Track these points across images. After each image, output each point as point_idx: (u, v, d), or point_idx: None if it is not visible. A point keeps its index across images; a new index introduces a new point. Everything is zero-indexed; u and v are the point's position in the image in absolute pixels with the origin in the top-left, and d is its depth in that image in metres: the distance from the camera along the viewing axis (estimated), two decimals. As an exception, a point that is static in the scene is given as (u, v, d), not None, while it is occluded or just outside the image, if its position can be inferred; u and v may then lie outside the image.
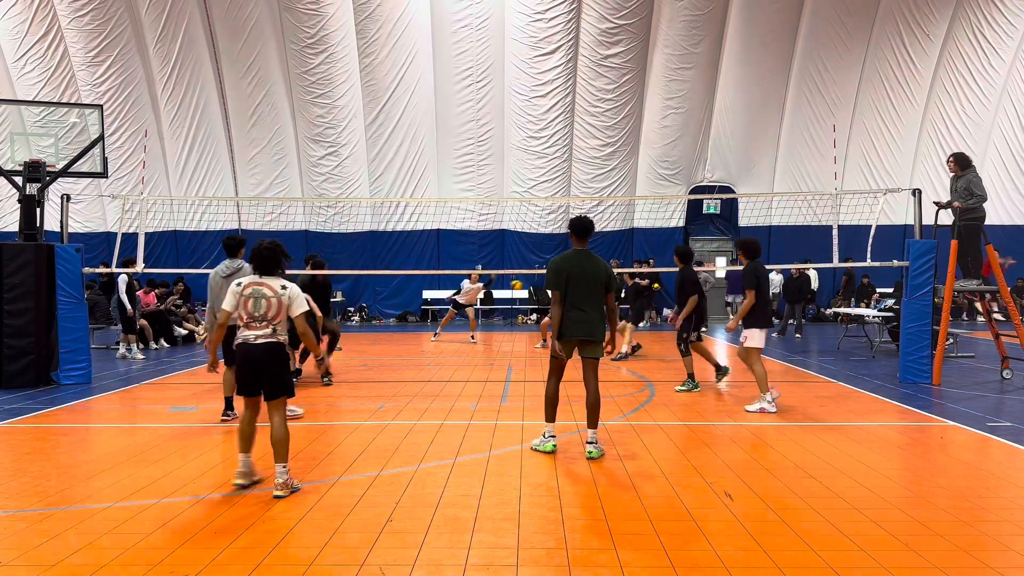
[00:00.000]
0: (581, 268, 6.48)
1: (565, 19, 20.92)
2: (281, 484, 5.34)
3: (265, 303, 5.46)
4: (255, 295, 5.49)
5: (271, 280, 5.56)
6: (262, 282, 5.55)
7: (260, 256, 5.59)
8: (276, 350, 5.47)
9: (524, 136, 22.00)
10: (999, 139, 22.53)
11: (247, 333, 5.47)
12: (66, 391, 10.02)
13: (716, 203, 23.21)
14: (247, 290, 5.51)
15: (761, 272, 8.59)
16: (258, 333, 5.44)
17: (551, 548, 4.35)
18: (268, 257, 5.58)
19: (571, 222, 6.76)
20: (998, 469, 6.08)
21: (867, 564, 4.11)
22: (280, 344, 5.50)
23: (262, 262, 5.59)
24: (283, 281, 5.59)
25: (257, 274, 5.61)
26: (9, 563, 4.17)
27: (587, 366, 6.55)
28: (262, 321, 5.45)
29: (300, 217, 22.81)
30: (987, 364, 12.39)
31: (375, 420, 8.02)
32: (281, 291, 5.51)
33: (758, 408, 8.33)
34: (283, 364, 5.54)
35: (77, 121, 12.28)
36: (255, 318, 5.46)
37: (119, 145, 21.71)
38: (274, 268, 5.60)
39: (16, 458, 6.46)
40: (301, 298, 5.56)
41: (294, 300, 5.53)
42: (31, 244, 10.62)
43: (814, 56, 21.80)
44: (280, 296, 5.49)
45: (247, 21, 21.21)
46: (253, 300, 5.47)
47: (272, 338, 5.46)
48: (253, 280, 5.57)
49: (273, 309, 5.47)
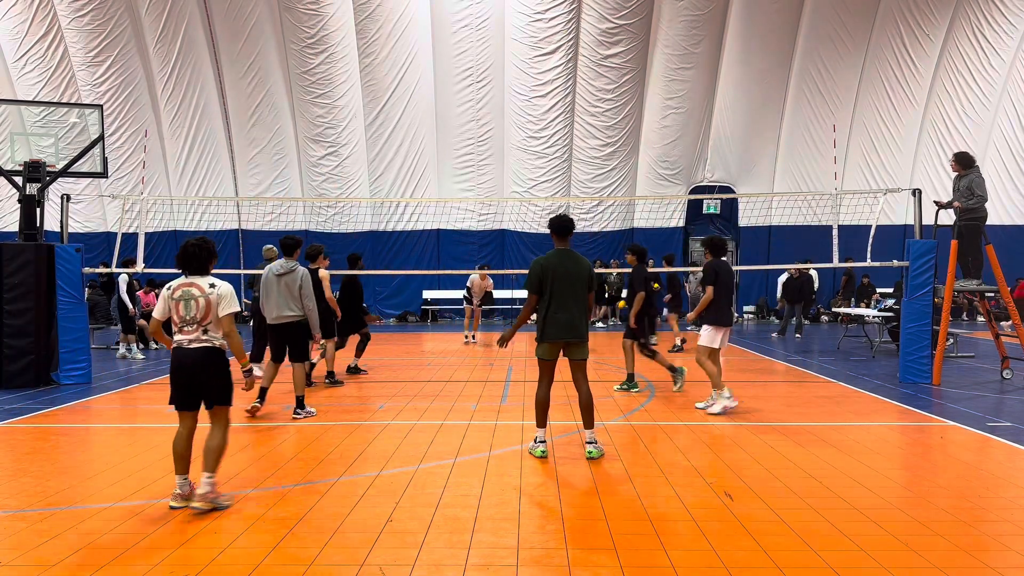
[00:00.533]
0: (565, 268, 6.38)
1: (565, 19, 20.93)
2: (201, 496, 4.99)
3: (194, 304, 5.14)
4: (185, 297, 5.16)
5: (200, 279, 5.22)
6: (191, 282, 5.21)
7: (187, 254, 5.24)
8: (213, 355, 5.14)
9: (524, 136, 22.00)
10: (999, 139, 22.53)
11: (180, 338, 5.16)
12: (66, 391, 10.02)
13: (716, 203, 23.21)
14: (176, 292, 5.19)
15: (721, 270, 8.52)
16: (191, 337, 5.12)
17: (551, 548, 4.35)
18: (195, 255, 5.23)
19: (551, 221, 6.62)
20: (998, 469, 6.08)
21: (867, 564, 4.11)
22: (217, 349, 5.17)
23: (189, 260, 5.24)
24: (212, 279, 5.25)
25: (185, 274, 5.26)
26: (9, 563, 4.17)
27: (575, 368, 6.51)
28: (193, 324, 5.13)
29: (300, 217, 22.81)
30: (987, 364, 12.39)
31: (375, 420, 8.02)
32: (209, 290, 5.17)
33: (721, 408, 8.21)
34: (221, 370, 5.18)
35: (77, 121, 12.29)
36: (186, 321, 5.14)
37: (119, 145, 21.71)
38: (203, 267, 5.25)
39: (16, 458, 6.46)
40: (231, 297, 5.21)
41: (223, 298, 5.17)
42: (31, 244, 10.62)
43: (814, 56, 21.80)
44: (208, 295, 5.15)
45: (247, 21, 21.20)
46: (184, 302, 5.15)
47: (207, 342, 5.13)
48: (182, 282, 5.23)
49: (202, 310, 5.13)
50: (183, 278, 5.25)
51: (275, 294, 8.20)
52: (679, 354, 14.69)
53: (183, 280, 5.24)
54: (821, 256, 16.43)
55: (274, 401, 9.00)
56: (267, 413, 8.30)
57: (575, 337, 6.38)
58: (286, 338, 8.28)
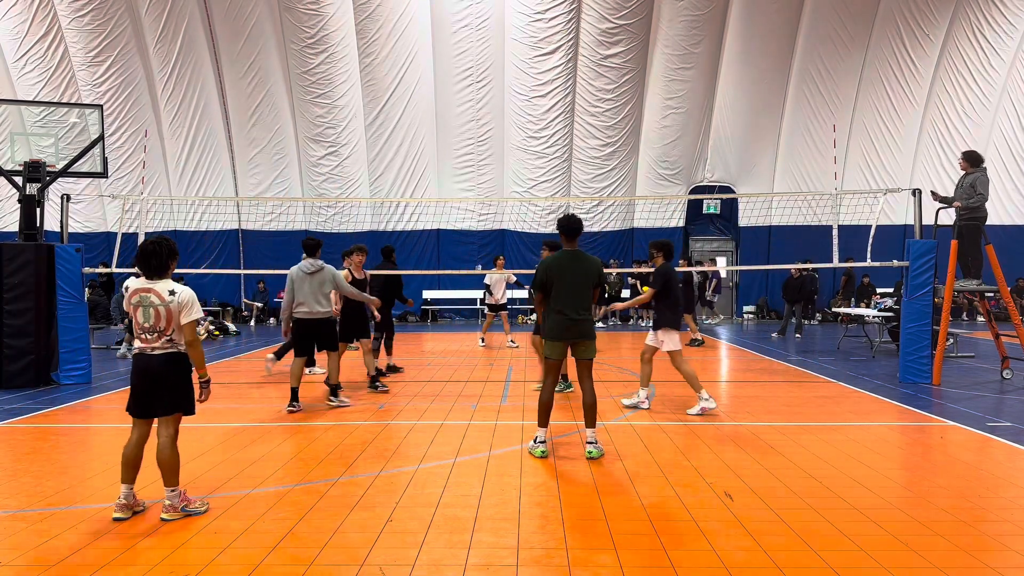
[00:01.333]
0: (573, 269, 6.42)
1: (565, 19, 20.93)
2: (169, 507, 4.82)
3: (153, 312, 4.82)
4: (143, 303, 4.83)
5: (159, 285, 4.87)
6: (149, 287, 4.86)
7: (145, 253, 4.87)
8: (176, 360, 4.89)
9: (524, 136, 22.01)
10: (999, 139, 22.54)
11: (141, 345, 4.88)
12: (66, 391, 10.02)
13: (716, 203, 23.22)
14: (134, 298, 4.86)
15: (671, 275, 8.43)
16: (154, 345, 4.86)
17: (551, 548, 4.34)
18: (154, 253, 4.87)
19: (560, 222, 6.63)
20: (998, 469, 6.08)
21: (867, 564, 4.11)
22: (182, 355, 4.91)
23: (147, 260, 4.87)
24: (173, 285, 4.89)
25: (143, 277, 4.91)
26: (9, 563, 4.17)
27: (581, 367, 6.53)
28: (152, 333, 4.83)
29: (300, 217, 22.83)
30: (987, 364, 12.39)
31: (375, 420, 8.02)
32: (169, 297, 4.83)
33: (699, 409, 8.21)
34: (183, 375, 4.93)
35: (77, 121, 12.28)
36: (145, 329, 4.84)
37: (119, 145, 21.73)
38: (162, 268, 4.90)
39: (16, 458, 6.46)
40: (193, 304, 4.88)
41: (184, 306, 4.84)
42: (31, 244, 10.62)
43: (814, 56, 21.80)
44: (168, 304, 4.82)
45: (247, 21, 21.21)
46: (142, 309, 4.83)
47: (170, 348, 4.87)
48: (140, 285, 4.88)
49: (163, 320, 4.82)
50: (141, 280, 4.91)
51: (307, 291, 8.52)
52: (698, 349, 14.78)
53: (141, 284, 4.89)
54: (821, 256, 16.45)
55: (271, 401, 8.99)
56: (273, 412, 8.29)
57: (581, 337, 6.41)
58: (316, 332, 8.62)
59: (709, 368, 12.51)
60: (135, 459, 4.92)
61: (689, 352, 13.90)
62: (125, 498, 4.87)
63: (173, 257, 4.96)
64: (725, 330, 19.80)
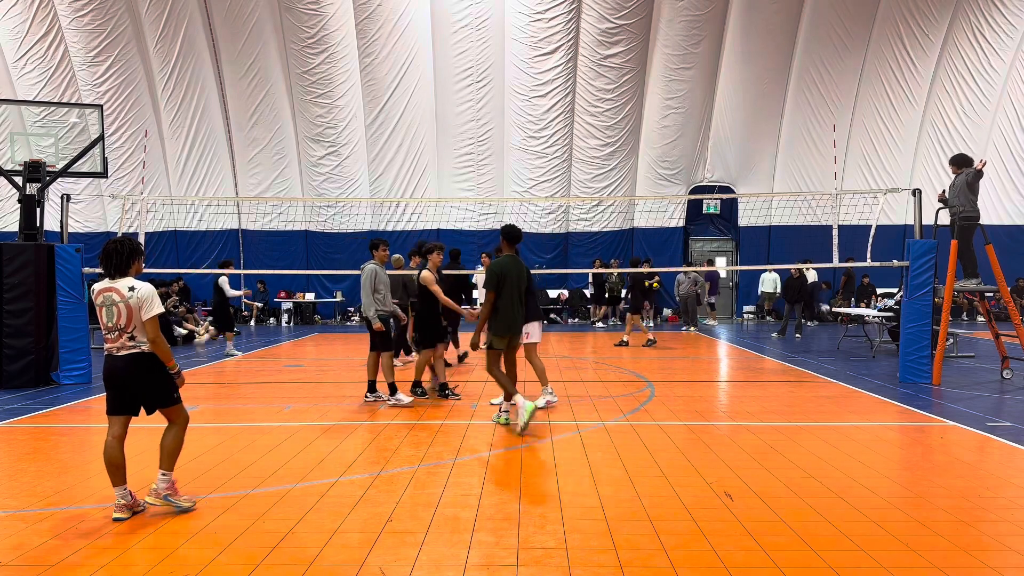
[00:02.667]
0: (516, 273, 7.43)
1: (565, 19, 20.93)
2: (155, 491, 4.88)
3: (115, 311, 4.81)
4: (106, 303, 4.83)
5: (120, 283, 4.86)
6: (111, 287, 4.86)
7: (106, 253, 4.88)
8: (141, 360, 4.87)
9: (524, 136, 22.00)
10: (999, 139, 22.53)
11: (108, 345, 4.89)
12: (66, 391, 10.02)
13: (716, 203, 23.22)
14: (98, 299, 4.86)
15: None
16: (118, 345, 4.84)
17: (551, 548, 4.34)
18: (116, 252, 4.88)
19: (504, 230, 7.58)
20: (998, 469, 6.08)
21: (867, 564, 4.11)
22: (147, 354, 4.88)
23: (108, 260, 4.88)
24: (132, 282, 4.89)
25: (107, 277, 4.91)
26: (9, 563, 4.17)
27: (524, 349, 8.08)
28: (115, 332, 4.82)
29: (300, 217, 22.82)
30: (987, 364, 12.39)
31: (375, 420, 8.02)
32: (129, 293, 4.82)
33: (543, 403, 8.43)
34: (154, 373, 4.91)
35: (77, 121, 12.29)
36: (110, 328, 4.84)
37: (119, 145, 21.72)
38: (122, 267, 4.90)
39: (16, 458, 6.46)
40: (152, 299, 4.86)
41: (144, 301, 4.83)
42: (31, 244, 10.62)
43: (814, 56, 21.80)
44: (127, 300, 4.80)
45: (247, 21, 21.21)
46: (105, 308, 4.83)
47: (134, 348, 4.85)
48: (103, 286, 4.88)
49: (124, 317, 4.81)
50: (105, 281, 4.92)
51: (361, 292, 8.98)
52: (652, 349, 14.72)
53: (105, 284, 4.90)
54: (821, 256, 16.45)
55: (271, 401, 8.98)
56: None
57: (519, 332, 7.66)
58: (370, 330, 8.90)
59: (710, 368, 12.51)
60: (117, 459, 4.88)
61: (656, 351, 13.86)
62: (123, 499, 4.87)
63: (135, 256, 4.96)
64: (725, 330, 19.81)
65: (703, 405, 8.90)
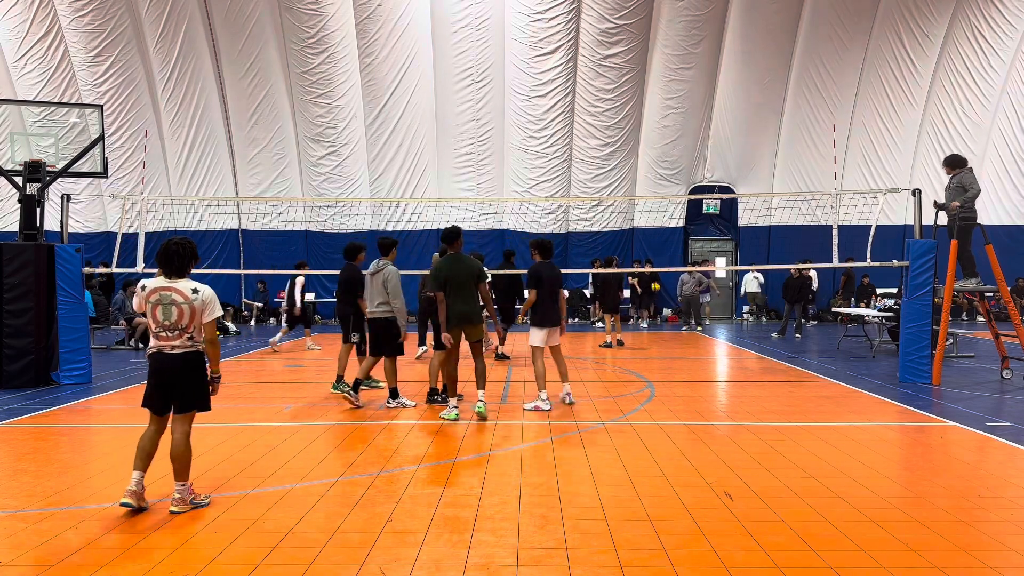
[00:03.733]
0: (457, 270, 7.94)
1: (565, 19, 20.92)
2: (178, 500, 4.96)
3: (176, 310, 4.93)
4: (162, 301, 4.92)
5: (180, 283, 4.99)
6: (170, 286, 4.97)
7: (168, 254, 4.98)
8: (193, 360, 5.01)
9: (524, 136, 21.99)
10: (999, 139, 22.52)
11: (160, 343, 4.98)
12: (66, 391, 10.02)
13: (716, 203, 23.21)
14: (152, 296, 4.94)
15: (543, 274, 8.75)
16: (174, 343, 4.97)
17: (551, 548, 4.35)
18: (177, 254, 5.00)
19: (444, 233, 8.14)
20: (998, 469, 6.08)
21: (867, 564, 4.11)
22: (200, 353, 5.04)
23: (169, 260, 4.98)
24: (194, 284, 5.04)
25: (164, 276, 5.02)
26: (9, 563, 4.17)
27: (473, 348, 8.19)
28: (174, 331, 4.94)
29: (300, 217, 22.82)
30: (987, 364, 12.39)
31: (375, 420, 8.02)
32: (193, 295, 4.97)
33: (533, 406, 8.45)
34: (199, 374, 5.08)
35: (77, 121, 12.29)
36: (165, 327, 4.94)
37: (119, 145, 21.72)
38: (183, 268, 5.03)
39: (16, 458, 6.46)
40: (215, 302, 5.06)
41: (207, 304, 5.00)
42: (31, 244, 10.62)
43: (814, 56, 21.79)
44: (192, 302, 4.95)
45: (247, 21, 21.20)
46: (161, 307, 4.92)
47: (190, 347, 5.00)
48: (160, 284, 4.99)
49: (186, 317, 4.94)
50: (160, 279, 5.03)
51: (370, 291, 8.91)
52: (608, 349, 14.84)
53: (161, 282, 5.00)
54: (821, 256, 16.44)
55: (271, 401, 8.98)
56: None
57: (470, 323, 7.93)
58: (377, 332, 8.83)
59: (709, 368, 12.52)
60: (150, 448, 5.06)
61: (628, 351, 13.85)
62: (136, 485, 4.93)
63: (194, 259, 5.14)
64: (724, 330, 19.80)
65: (703, 405, 8.90)
